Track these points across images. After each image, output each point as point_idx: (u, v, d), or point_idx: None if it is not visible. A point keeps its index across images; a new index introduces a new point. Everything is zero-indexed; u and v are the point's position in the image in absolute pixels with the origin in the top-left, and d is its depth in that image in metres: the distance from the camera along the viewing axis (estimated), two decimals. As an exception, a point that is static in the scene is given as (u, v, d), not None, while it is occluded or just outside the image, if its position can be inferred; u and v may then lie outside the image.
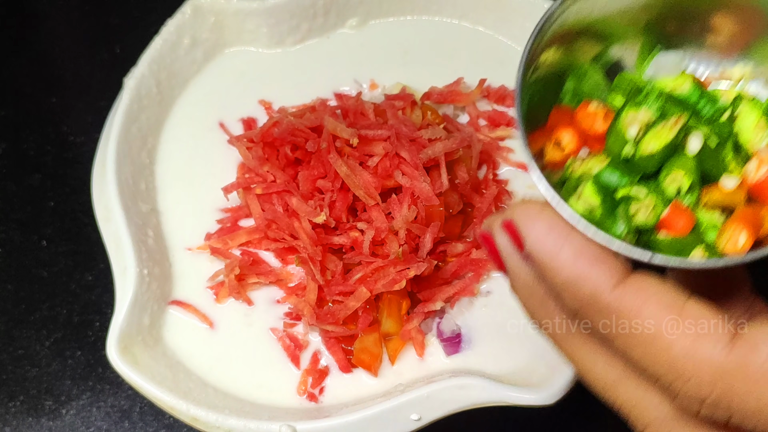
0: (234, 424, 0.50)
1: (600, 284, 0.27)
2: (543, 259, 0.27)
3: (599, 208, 0.30)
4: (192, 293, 0.57)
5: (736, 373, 0.25)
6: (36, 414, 0.57)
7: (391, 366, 0.54)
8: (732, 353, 0.25)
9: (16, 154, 0.66)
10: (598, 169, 0.31)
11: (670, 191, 0.30)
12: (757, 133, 0.30)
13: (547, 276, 0.28)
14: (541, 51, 0.31)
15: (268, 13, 0.64)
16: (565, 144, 0.32)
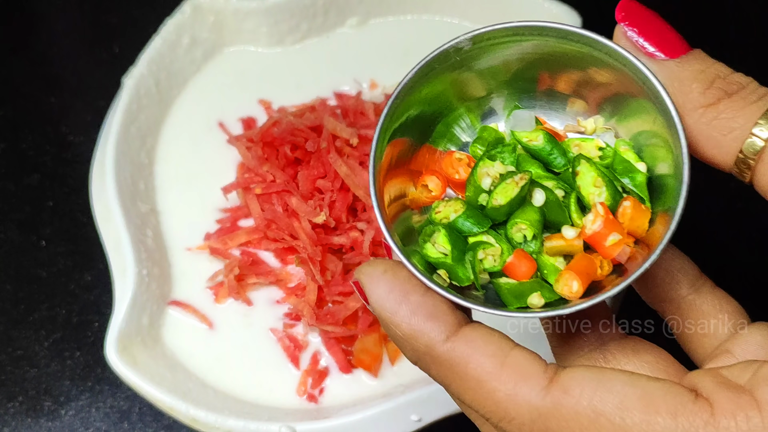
0: (233, 425, 0.49)
1: (433, 338, 0.30)
2: (384, 317, 0.31)
3: (450, 253, 0.33)
4: (191, 293, 0.57)
5: (550, 414, 0.28)
6: (35, 414, 0.56)
7: (391, 366, 0.54)
8: (547, 396, 0.28)
9: (14, 153, 0.66)
10: (455, 215, 0.34)
11: (516, 239, 0.33)
12: (594, 190, 0.33)
13: (389, 331, 0.31)
14: (408, 93, 0.36)
15: (268, 13, 0.64)
16: (432, 188, 0.35)
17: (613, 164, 0.34)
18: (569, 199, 0.33)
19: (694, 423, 0.27)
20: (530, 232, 0.33)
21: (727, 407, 0.27)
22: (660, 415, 0.27)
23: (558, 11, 0.62)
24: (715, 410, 0.27)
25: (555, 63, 0.35)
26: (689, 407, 0.27)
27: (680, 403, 0.27)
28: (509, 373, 0.29)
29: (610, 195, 0.32)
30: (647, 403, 0.27)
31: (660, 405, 0.27)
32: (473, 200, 0.34)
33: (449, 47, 0.36)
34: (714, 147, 0.31)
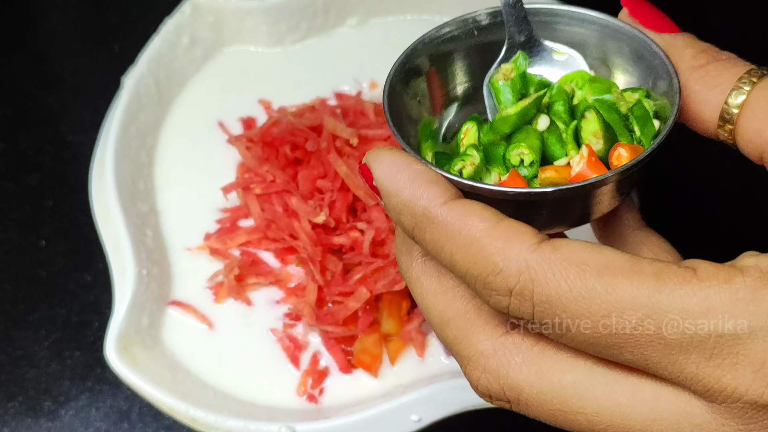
0: (233, 425, 0.49)
1: (431, 200, 0.31)
2: (384, 186, 0.32)
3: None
4: (191, 293, 0.57)
5: (538, 265, 0.29)
6: (34, 414, 0.56)
7: (391, 367, 0.54)
8: (537, 251, 0.29)
9: (14, 153, 0.66)
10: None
11: (513, 161, 0.35)
12: (593, 140, 0.35)
13: (389, 201, 0.32)
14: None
15: (268, 12, 0.64)
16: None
17: (633, 109, 0.36)
18: (568, 131, 0.35)
19: (677, 281, 0.28)
20: (530, 157, 0.34)
21: (710, 271, 0.28)
22: (644, 274, 0.28)
23: (558, 11, 0.62)
24: (699, 273, 0.28)
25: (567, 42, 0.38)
26: (673, 270, 0.28)
27: (665, 267, 0.28)
28: (501, 231, 0.30)
29: (604, 150, 0.35)
30: (633, 265, 0.28)
31: (645, 267, 0.28)
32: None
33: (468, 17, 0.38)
34: (701, 102, 0.33)
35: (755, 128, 0.32)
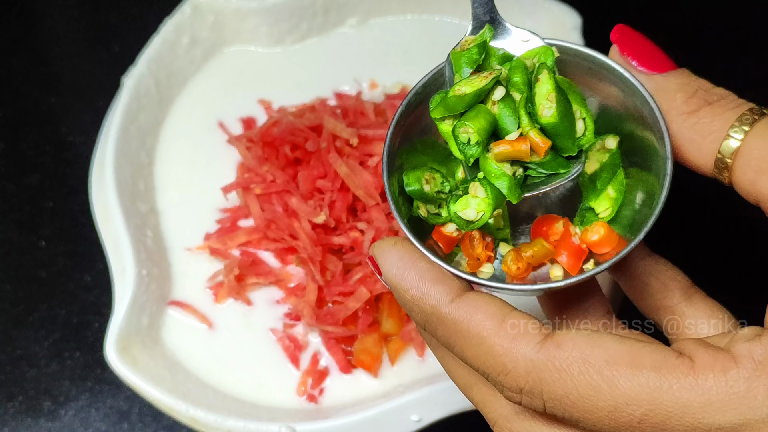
0: (233, 425, 0.49)
1: (439, 299, 0.33)
2: (394, 282, 0.34)
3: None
4: (191, 294, 0.57)
5: (544, 366, 0.30)
6: (34, 414, 0.56)
7: (391, 367, 0.54)
8: (542, 350, 0.30)
9: (14, 153, 0.66)
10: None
11: (461, 139, 0.35)
12: (546, 103, 0.35)
13: (399, 296, 0.34)
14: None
15: (268, 12, 0.64)
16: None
17: (605, 159, 0.36)
18: (520, 103, 0.36)
19: (675, 376, 0.29)
20: (475, 137, 0.35)
21: (706, 362, 0.29)
22: (644, 368, 0.29)
23: (558, 11, 0.62)
24: (696, 365, 0.29)
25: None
26: (671, 362, 0.30)
27: (664, 358, 0.30)
28: (508, 330, 0.31)
29: (559, 112, 0.35)
30: (633, 357, 0.30)
31: (645, 360, 0.30)
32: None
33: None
34: (695, 150, 0.33)
35: (749, 178, 0.32)
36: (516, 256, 0.36)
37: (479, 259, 0.37)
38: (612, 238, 0.35)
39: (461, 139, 0.36)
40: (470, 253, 0.37)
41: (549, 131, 0.36)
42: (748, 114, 0.33)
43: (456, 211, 0.36)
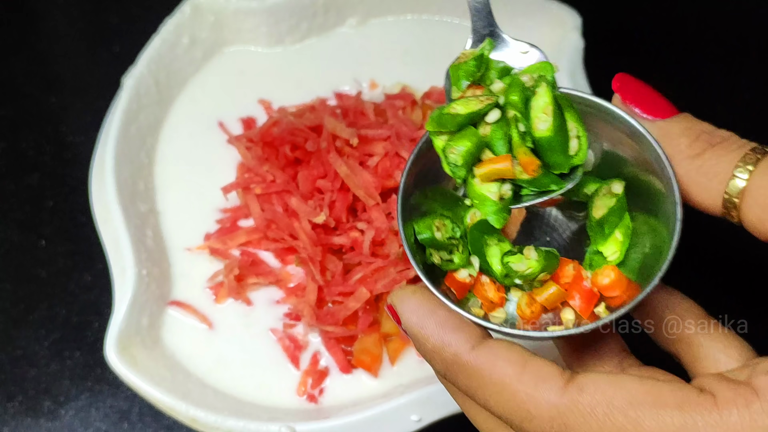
0: (233, 425, 0.49)
1: (459, 347, 0.33)
2: (414, 331, 0.34)
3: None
4: (191, 294, 0.57)
5: (568, 410, 0.30)
6: (34, 414, 0.56)
7: (391, 367, 0.54)
8: (565, 395, 0.31)
9: (14, 153, 0.66)
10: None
11: (450, 159, 0.36)
12: (541, 116, 0.36)
13: (419, 345, 0.34)
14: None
15: (268, 12, 0.64)
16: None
17: (612, 203, 0.37)
18: (513, 121, 0.37)
19: (699, 413, 0.29)
20: (459, 160, 0.36)
21: (728, 397, 0.30)
22: (668, 407, 0.30)
23: (558, 10, 0.62)
24: (718, 401, 0.30)
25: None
26: (694, 399, 0.30)
27: (686, 396, 0.30)
28: (529, 376, 0.31)
29: (555, 126, 0.36)
30: (656, 397, 0.30)
31: (668, 399, 0.30)
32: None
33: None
34: (703, 191, 0.34)
35: (758, 216, 0.33)
36: (529, 300, 0.37)
37: (492, 302, 0.37)
38: (622, 282, 0.36)
39: (450, 159, 0.36)
40: (484, 296, 0.37)
41: (543, 146, 0.36)
42: (751, 154, 0.33)
43: (509, 264, 0.37)
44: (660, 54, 0.69)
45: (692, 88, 0.67)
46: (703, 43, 0.70)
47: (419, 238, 0.38)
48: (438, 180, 0.39)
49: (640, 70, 0.69)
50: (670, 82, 0.68)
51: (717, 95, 0.67)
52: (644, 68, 0.68)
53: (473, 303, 0.38)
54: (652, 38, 0.70)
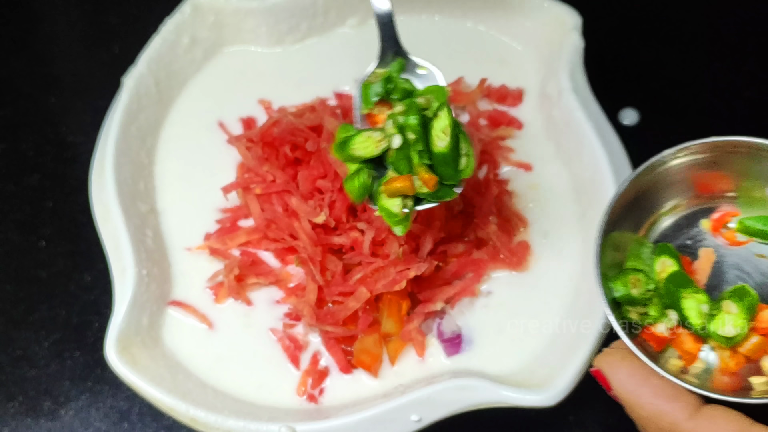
0: (233, 425, 0.49)
1: (677, 416, 0.33)
2: (628, 399, 0.35)
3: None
4: (191, 294, 0.57)
5: None
6: (35, 415, 0.56)
7: (391, 367, 0.54)
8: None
9: (14, 154, 0.66)
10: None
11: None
12: (441, 136, 0.44)
13: (633, 412, 0.35)
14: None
15: (268, 12, 0.64)
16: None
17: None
18: (413, 145, 0.44)
19: None
20: (356, 192, 0.47)
21: None
22: None
23: (558, 10, 0.62)
24: None
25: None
26: None
27: None
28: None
29: (451, 144, 0.43)
30: None
31: None
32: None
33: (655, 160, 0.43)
34: None
35: None
36: (732, 352, 0.37)
37: (690, 353, 0.38)
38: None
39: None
40: (682, 348, 0.38)
41: (439, 160, 0.44)
42: None
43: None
44: (660, 54, 0.69)
45: (692, 88, 0.67)
46: (703, 43, 0.70)
47: (616, 296, 0.39)
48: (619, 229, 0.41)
49: (640, 70, 0.69)
50: (670, 82, 0.68)
51: (717, 95, 0.67)
52: (644, 68, 0.69)
53: (670, 354, 0.39)
54: (652, 38, 0.70)
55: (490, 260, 0.56)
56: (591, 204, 0.56)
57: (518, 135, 0.61)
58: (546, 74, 0.61)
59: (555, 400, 0.48)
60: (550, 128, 0.60)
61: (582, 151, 0.57)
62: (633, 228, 0.44)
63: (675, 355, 0.39)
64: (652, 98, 0.67)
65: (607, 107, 0.60)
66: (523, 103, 0.63)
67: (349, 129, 0.47)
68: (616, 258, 0.42)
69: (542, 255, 0.57)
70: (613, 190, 0.54)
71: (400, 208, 0.45)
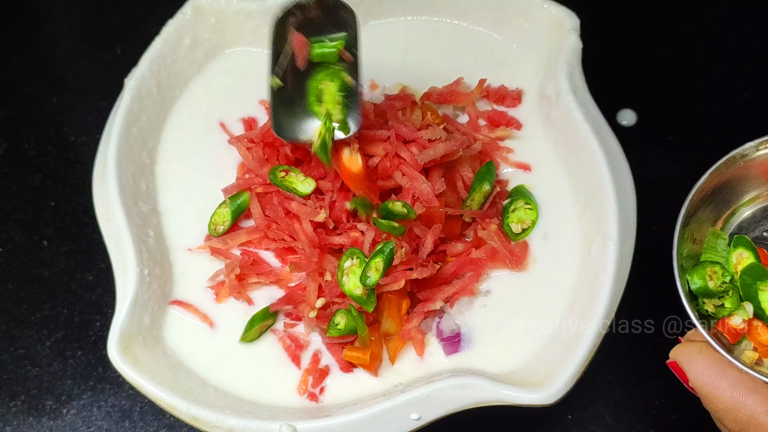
0: (234, 424, 0.50)
1: (756, 409, 0.34)
2: (705, 391, 0.35)
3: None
4: (192, 293, 0.57)
5: None
6: (37, 413, 0.57)
7: (391, 366, 0.54)
8: None
9: (17, 154, 0.66)
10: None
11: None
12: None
13: (711, 404, 0.35)
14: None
15: (269, 14, 0.63)
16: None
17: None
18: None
19: None
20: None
21: None
22: None
23: (557, 12, 0.62)
24: None
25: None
26: None
27: None
28: None
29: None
30: None
31: None
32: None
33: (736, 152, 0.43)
34: None
35: None
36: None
37: (767, 345, 0.38)
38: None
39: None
40: (758, 341, 0.39)
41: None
42: None
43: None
44: (657, 56, 0.69)
45: (690, 90, 0.67)
46: (701, 44, 0.70)
47: (693, 288, 0.39)
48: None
49: (638, 71, 0.69)
50: (667, 83, 0.68)
51: (715, 96, 0.67)
52: (642, 70, 0.69)
53: (745, 346, 0.39)
54: (650, 40, 0.70)
55: (489, 259, 0.56)
56: (589, 204, 0.56)
57: (517, 135, 0.61)
58: (545, 75, 0.62)
59: (553, 399, 0.48)
60: (549, 129, 0.61)
61: (580, 152, 0.57)
62: (711, 220, 0.44)
63: (750, 347, 0.39)
64: (649, 99, 0.67)
65: (605, 108, 0.60)
66: (522, 103, 0.63)
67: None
68: (693, 250, 0.42)
69: (541, 255, 0.57)
70: (611, 191, 0.54)
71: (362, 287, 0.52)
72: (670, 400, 0.56)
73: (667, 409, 0.56)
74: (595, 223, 0.55)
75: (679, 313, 0.58)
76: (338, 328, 0.52)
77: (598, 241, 0.54)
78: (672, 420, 0.55)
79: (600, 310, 0.51)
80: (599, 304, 0.51)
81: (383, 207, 0.53)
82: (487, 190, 0.56)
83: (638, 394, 0.56)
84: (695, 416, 0.55)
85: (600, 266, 0.53)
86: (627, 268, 0.53)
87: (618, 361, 0.57)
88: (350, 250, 0.53)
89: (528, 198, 0.58)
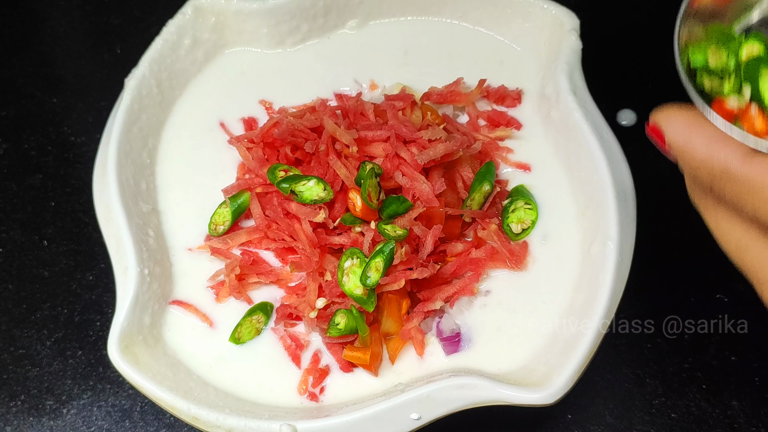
0: (234, 424, 0.50)
1: (730, 159, 0.33)
2: (679, 146, 0.34)
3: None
4: (192, 293, 0.57)
5: None
6: (37, 413, 0.57)
7: (391, 365, 0.54)
8: None
9: (17, 154, 0.66)
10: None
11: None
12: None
13: (684, 159, 0.34)
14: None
15: (269, 14, 0.64)
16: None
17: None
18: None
19: None
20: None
21: None
22: None
23: (556, 12, 0.62)
24: None
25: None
26: None
27: None
28: None
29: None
30: None
31: None
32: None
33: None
34: None
35: None
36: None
37: (758, 133, 0.36)
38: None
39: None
40: (751, 126, 0.37)
41: None
42: None
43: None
44: (657, 55, 0.69)
45: (690, 89, 0.68)
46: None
47: (692, 60, 0.38)
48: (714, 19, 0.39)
49: (638, 71, 0.69)
50: (667, 83, 0.68)
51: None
52: (641, 70, 0.69)
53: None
54: (650, 39, 0.70)
55: (489, 259, 0.56)
56: (589, 204, 0.56)
57: (517, 135, 0.62)
58: (545, 75, 0.62)
59: (553, 399, 0.49)
60: (549, 129, 0.61)
61: (580, 152, 0.57)
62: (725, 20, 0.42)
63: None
64: (649, 99, 0.67)
65: (605, 108, 0.60)
66: (521, 103, 0.63)
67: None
68: (700, 36, 0.41)
69: (541, 254, 0.57)
70: (611, 191, 0.54)
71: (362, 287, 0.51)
72: (669, 400, 0.56)
73: (666, 408, 0.56)
74: (595, 223, 0.55)
75: (679, 313, 0.59)
76: (338, 328, 0.52)
77: (597, 241, 0.54)
78: (672, 420, 0.55)
79: (600, 310, 0.51)
80: (599, 304, 0.51)
81: (386, 202, 0.53)
82: (487, 190, 0.56)
83: (638, 393, 0.56)
84: (695, 416, 0.55)
85: (600, 266, 0.53)
86: (627, 268, 0.53)
87: (618, 360, 0.57)
88: (350, 250, 0.53)
89: (528, 198, 0.57)
